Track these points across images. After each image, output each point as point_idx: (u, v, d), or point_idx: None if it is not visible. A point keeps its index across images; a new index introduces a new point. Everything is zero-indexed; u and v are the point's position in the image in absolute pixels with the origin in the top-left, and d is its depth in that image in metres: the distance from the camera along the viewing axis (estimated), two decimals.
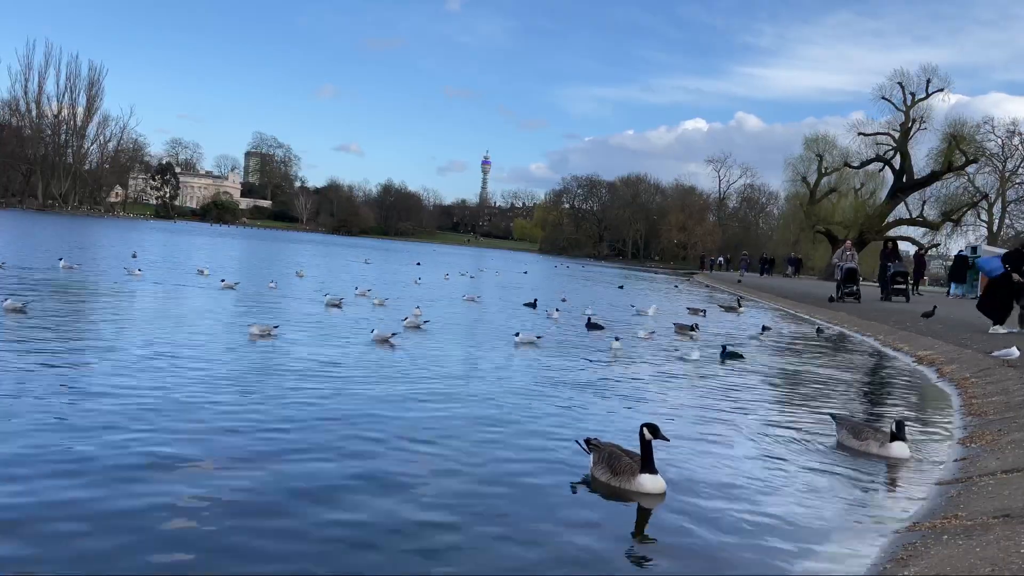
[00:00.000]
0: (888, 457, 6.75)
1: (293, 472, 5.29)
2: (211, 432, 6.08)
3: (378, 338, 11.82)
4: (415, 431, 6.56)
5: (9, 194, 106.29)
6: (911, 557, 4.21)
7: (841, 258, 28.06)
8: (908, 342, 16.12)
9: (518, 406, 7.98)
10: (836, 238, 67.50)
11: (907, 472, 6.50)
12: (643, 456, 5.40)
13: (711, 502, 5.29)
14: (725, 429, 7.63)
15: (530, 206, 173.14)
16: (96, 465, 5.10)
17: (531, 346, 12.64)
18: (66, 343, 9.65)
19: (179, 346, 10.01)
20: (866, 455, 6.82)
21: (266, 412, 6.89)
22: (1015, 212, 65.33)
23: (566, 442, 6.45)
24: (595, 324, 16.37)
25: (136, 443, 5.63)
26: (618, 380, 10.15)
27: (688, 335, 16.26)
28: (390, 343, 11.68)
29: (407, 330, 13.20)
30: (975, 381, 10.49)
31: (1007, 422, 7.59)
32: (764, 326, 19.51)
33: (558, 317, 18.00)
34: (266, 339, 11.13)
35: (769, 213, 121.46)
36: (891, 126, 64.59)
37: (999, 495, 5.10)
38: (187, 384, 7.75)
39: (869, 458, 6.76)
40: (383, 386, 8.55)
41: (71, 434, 5.73)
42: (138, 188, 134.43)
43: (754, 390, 10.22)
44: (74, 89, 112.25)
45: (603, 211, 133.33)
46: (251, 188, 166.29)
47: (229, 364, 9.11)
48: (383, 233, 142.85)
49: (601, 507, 5.14)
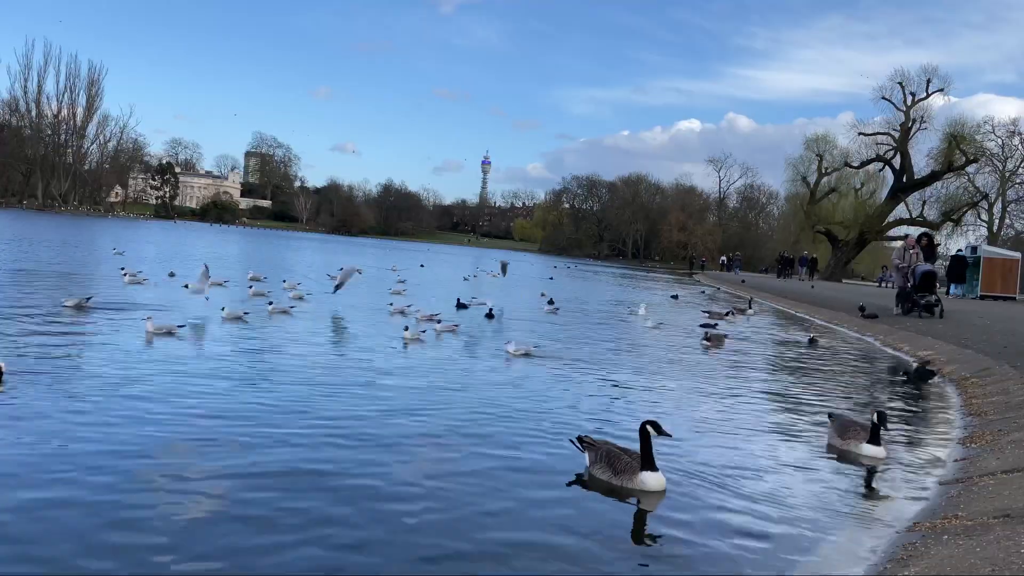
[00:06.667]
0: (863, 456, 6.66)
1: (292, 474, 5.29)
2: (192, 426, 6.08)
3: (229, 315, 12.70)
4: (399, 438, 6.38)
5: (9, 194, 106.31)
6: (911, 557, 4.20)
7: (905, 259, 21.07)
8: (908, 342, 16.12)
9: (506, 406, 7.91)
10: (836, 238, 67.57)
11: (907, 472, 6.49)
12: (644, 453, 5.40)
13: (710, 501, 5.28)
14: (723, 428, 7.62)
15: (530, 206, 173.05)
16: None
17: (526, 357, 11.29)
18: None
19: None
20: (851, 454, 6.74)
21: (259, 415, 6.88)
22: (1015, 212, 65.43)
23: (555, 439, 6.41)
24: (463, 304, 17.71)
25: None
26: (610, 377, 10.15)
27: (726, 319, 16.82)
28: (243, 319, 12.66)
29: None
30: (975, 381, 10.48)
31: (1007, 422, 7.59)
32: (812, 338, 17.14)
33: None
34: (166, 336, 10.47)
35: (769, 213, 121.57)
36: (891, 126, 64.67)
37: (999, 495, 5.10)
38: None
39: (856, 457, 6.69)
40: (375, 388, 8.53)
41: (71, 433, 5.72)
42: (138, 188, 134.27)
43: (753, 388, 10.21)
44: (74, 89, 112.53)
45: (603, 211, 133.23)
46: (251, 188, 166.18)
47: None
48: (383, 233, 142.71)
49: (601, 506, 5.13)
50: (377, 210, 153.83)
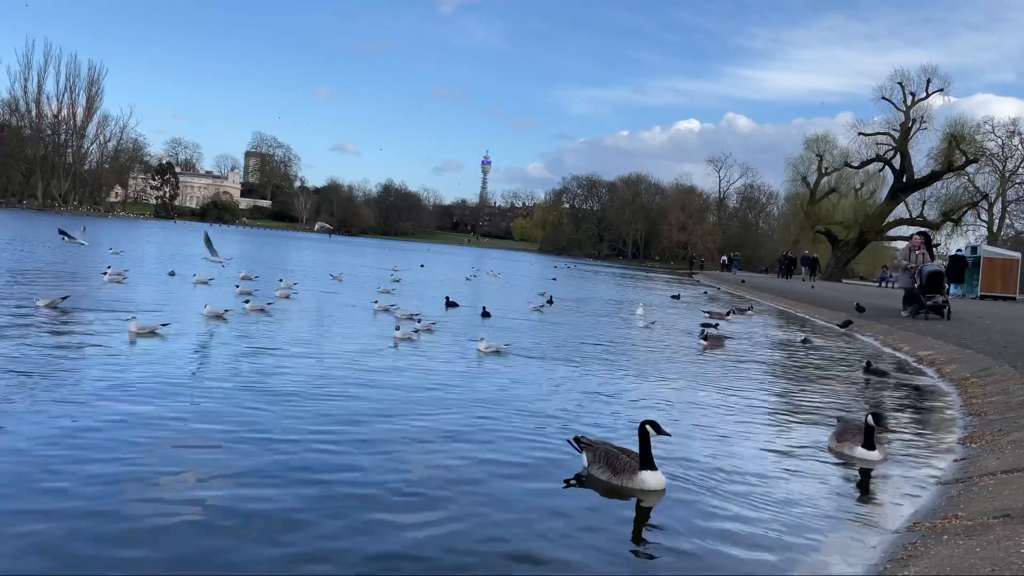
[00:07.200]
0: (857, 460, 6.60)
1: (286, 480, 5.27)
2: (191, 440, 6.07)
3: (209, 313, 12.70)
4: (391, 440, 6.32)
5: (9, 194, 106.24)
6: (911, 557, 4.20)
7: (912, 259, 20.33)
8: (908, 342, 16.10)
9: (499, 408, 7.86)
10: (836, 238, 67.53)
11: (907, 472, 6.48)
12: (642, 453, 5.39)
13: (710, 501, 5.27)
14: (723, 428, 7.61)
15: (530, 206, 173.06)
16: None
17: (496, 355, 11.30)
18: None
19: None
20: (845, 457, 6.68)
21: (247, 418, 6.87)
22: (1015, 212, 65.41)
23: (551, 440, 6.41)
24: (452, 303, 18.29)
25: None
26: (608, 379, 10.14)
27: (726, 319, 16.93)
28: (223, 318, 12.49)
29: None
30: (975, 381, 10.48)
31: (1007, 422, 7.58)
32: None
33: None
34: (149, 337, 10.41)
35: (769, 213, 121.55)
36: (891, 126, 64.61)
37: (999, 495, 5.09)
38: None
39: (851, 460, 6.63)
40: (363, 388, 8.48)
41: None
42: (138, 188, 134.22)
43: (753, 388, 10.20)
44: (74, 89, 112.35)
45: (603, 211, 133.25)
46: (251, 188, 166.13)
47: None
48: (383, 233, 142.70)
49: (600, 506, 5.12)
50: (377, 210, 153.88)
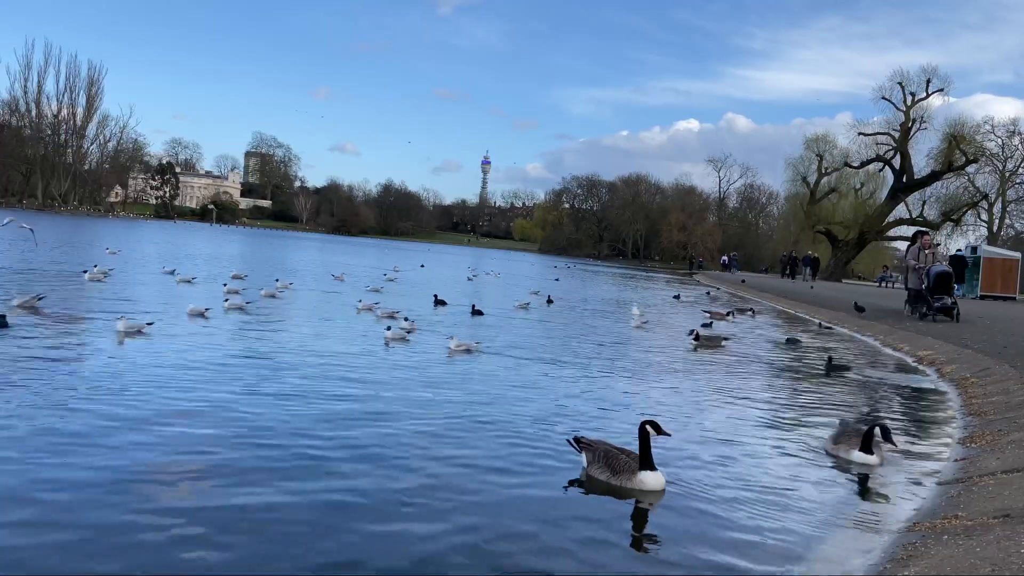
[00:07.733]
0: (853, 463, 6.56)
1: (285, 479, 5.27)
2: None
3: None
4: (385, 440, 6.27)
5: (9, 194, 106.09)
6: (911, 557, 4.19)
7: (920, 259, 19.69)
8: (908, 342, 16.10)
9: (497, 407, 7.84)
10: (836, 238, 67.54)
11: (907, 472, 6.48)
12: (642, 453, 5.39)
13: (709, 501, 5.27)
14: (722, 428, 7.60)
15: (530, 206, 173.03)
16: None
17: (467, 353, 11.17)
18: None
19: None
20: (842, 460, 6.65)
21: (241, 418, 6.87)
22: (1015, 212, 65.43)
23: (550, 441, 6.40)
24: (440, 301, 18.19)
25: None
26: (602, 378, 10.13)
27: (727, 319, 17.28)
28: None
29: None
30: (975, 381, 10.47)
31: (1007, 422, 7.57)
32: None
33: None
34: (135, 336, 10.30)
35: (769, 213, 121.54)
36: (891, 126, 64.63)
37: (999, 495, 5.08)
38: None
39: (847, 463, 6.58)
40: (352, 388, 8.46)
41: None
42: (138, 188, 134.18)
43: (753, 388, 10.20)
44: (74, 89, 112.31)
45: (603, 211, 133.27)
46: (251, 188, 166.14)
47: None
48: (383, 233, 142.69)
49: (600, 506, 5.12)
50: (377, 210, 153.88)
